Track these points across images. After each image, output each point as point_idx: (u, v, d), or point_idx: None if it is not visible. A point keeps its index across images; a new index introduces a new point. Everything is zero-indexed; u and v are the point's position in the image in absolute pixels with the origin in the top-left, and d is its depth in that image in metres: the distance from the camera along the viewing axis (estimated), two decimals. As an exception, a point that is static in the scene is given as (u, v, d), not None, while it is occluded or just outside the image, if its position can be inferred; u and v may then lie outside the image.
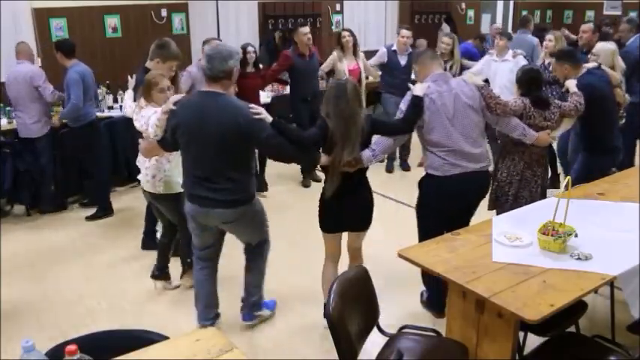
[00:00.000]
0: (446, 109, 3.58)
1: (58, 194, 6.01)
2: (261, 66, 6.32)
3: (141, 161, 4.11)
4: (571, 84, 4.42)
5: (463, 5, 11.28)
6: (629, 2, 11.63)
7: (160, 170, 4.00)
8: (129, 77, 4.49)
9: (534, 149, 4.07)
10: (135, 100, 4.19)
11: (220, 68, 3.24)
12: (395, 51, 6.81)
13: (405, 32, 6.78)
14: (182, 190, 3.74)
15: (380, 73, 7.10)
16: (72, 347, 1.77)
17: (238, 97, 3.94)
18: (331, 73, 6.75)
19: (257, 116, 3.25)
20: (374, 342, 2.84)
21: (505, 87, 6.32)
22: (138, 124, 3.91)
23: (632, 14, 7.58)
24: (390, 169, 7.19)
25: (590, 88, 4.40)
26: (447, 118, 3.58)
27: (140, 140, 3.95)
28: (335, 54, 6.62)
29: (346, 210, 3.52)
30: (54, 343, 2.08)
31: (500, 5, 12.15)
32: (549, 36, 6.29)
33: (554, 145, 5.78)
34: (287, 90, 6.96)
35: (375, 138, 3.59)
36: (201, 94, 3.41)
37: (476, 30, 11.03)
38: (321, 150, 3.46)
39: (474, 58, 7.31)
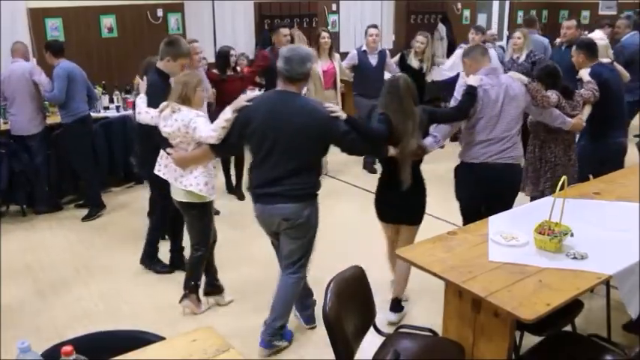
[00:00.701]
0: (496, 102, 3.85)
1: (52, 194, 6.00)
2: (238, 68, 6.33)
3: (174, 169, 3.80)
4: (584, 73, 4.69)
5: (459, 5, 11.29)
6: (625, 2, 11.66)
7: (211, 176, 3.81)
8: (138, 79, 4.31)
9: (567, 136, 4.43)
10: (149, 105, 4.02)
11: (299, 70, 3.31)
12: (365, 51, 6.82)
13: (373, 30, 6.80)
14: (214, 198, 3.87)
15: (352, 74, 7.06)
16: (68, 348, 1.77)
17: (218, 101, 3.95)
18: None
19: (333, 114, 3.31)
20: (370, 342, 2.84)
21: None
22: (169, 130, 3.68)
23: (628, 13, 7.61)
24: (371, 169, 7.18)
25: (598, 77, 4.64)
26: (495, 110, 3.85)
27: (170, 150, 3.74)
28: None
29: (401, 204, 3.73)
30: (50, 343, 2.08)
31: (495, 5, 12.17)
32: (517, 33, 6.71)
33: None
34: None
35: (433, 126, 3.84)
36: (276, 93, 3.43)
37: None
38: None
39: None
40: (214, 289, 4.17)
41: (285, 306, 3.60)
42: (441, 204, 4.66)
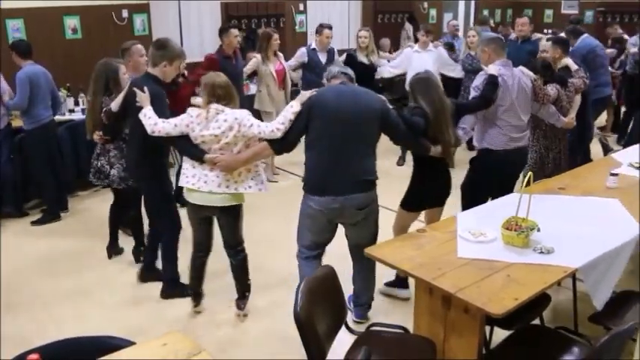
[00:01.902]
0: (512, 91, 4.13)
1: (17, 199, 5.87)
2: (185, 73, 6.27)
3: (216, 175, 3.59)
4: (570, 62, 5.05)
5: (425, 5, 11.40)
6: (586, 2, 11.91)
7: (262, 173, 3.75)
8: (139, 93, 3.74)
9: (561, 132, 4.88)
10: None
11: (350, 71, 3.71)
12: (314, 49, 6.85)
13: (328, 32, 6.83)
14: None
15: (300, 74, 7.04)
16: (34, 356, 1.74)
17: (171, 109, 3.88)
18: (253, 74, 6.67)
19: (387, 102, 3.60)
20: (342, 341, 2.84)
21: None
22: (216, 131, 3.50)
23: (588, 13, 7.80)
24: None
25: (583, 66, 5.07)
26: (512, 99, 4.14)
27: (211, 156, 3.53)
28: (258, 57, 6.47)
29: (438, 186, 3.92)
30: (18, 351, 2.03)
31: (462, 5, 12.32)
32: (471, 32, 7.18)
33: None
34: (252, 90, 6.95)
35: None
36: (336, 85, 3.60)
37: (438, 29, 11.15)
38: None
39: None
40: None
41: (369, 287, 3.80)
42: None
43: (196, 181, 3.62)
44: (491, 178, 4.21)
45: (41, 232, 5.54)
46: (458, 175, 4.30)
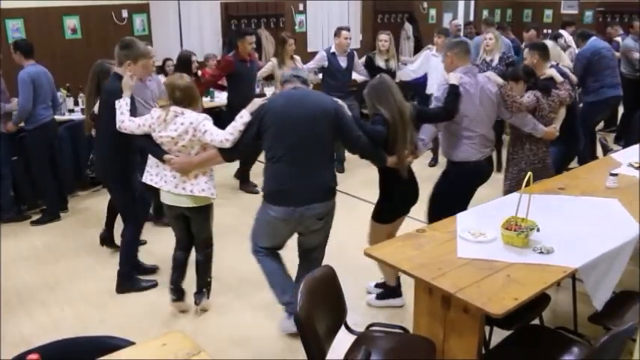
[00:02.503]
0: (475, 100, 3.97)
1: (18, 202, 5.87)
2: (199, 73, 6.29)
3: (173, 176, 3.67)
4: (555, 74, 4.71)
5: (425, 5, 11.39)
6: (586, 2, 11.91)
7: (213, 179, 3.77)
8: (126, 78, 3.95)
9: (544, 140, 4.49)
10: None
11: (303, 74, 3.65)
12: (334, 53, 6.79)
13: (346, 33, 6.78)
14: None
15: (320, 77, 7.02)
16: (34, 356, 1.73)
17: None
18: (269, 77, 6.72)
19: (343, 105, 3.55)
20: (342, 341, 2.84)
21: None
22: (173, 134, 3.56)
23: (588, 13, 7.82)
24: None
25: (569, 78, 4.86)
26: (477, 105, 3.98)
27: (169, 156, 3.62)
28: (273, 60, 6.58)
29: (406, 196, 3.85)
30: (18, 351, 2.03)
31: (461, 5, 12.31)
32: (489, 34, 6.72)
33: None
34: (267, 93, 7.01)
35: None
36: (289, 90, 3.55)
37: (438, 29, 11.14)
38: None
39: None
40: (184, 295, 4.09)
41: None
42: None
43: (158, 180, 3.75)
44: (466, 190, 4.14)
45: (41, 232, 5.54)
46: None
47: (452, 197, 4.08)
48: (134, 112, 3.85)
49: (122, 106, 3.81)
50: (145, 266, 4.62)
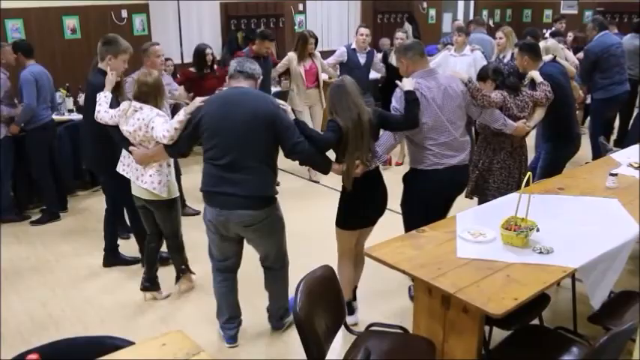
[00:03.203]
0: (435, 103, 3.68)
1: (19, 205, 5.87)
2: (215, 67, 6.28)
3: (136, 168, 3.91)
4: (536, 74, 4.57)
5: (424, 4, 11.40)
6: (585, 2, 11.92)
7: (164, 175, 3.86)
8: (109, 74, 4.16)
9: (515, 139, 4.33)
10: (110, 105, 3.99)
11: (251, 66, 3.42)
12: (354, 49, 6.82)
13: (364, 30, 6.80)
14: (178, 194, 4.06)
15: (338, 72, 7.03)
16: (33, 356, 1.73)
17: (198, 95, 3.93)
18: (285, 74, 6.76)
19: (282, 106, 3.39)
20: (342, 341, 2.84)
21: None
22: (130, 128, 3.74)
23: (595, 16, 7.80)
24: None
25: (550, 78, 4.57)
26: (437, 111, 3.68)
27: (132, 148, 3.81)
28: (290, 55, 6.62)
29: (367, 206, 3.63)
30: (18, 351, 2.03)
31: (461, 5, 12.32)
32: (499, 33, 6.62)
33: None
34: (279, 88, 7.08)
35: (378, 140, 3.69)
36: (229, 89, 3.46)
37: (437, 29, 11.16)
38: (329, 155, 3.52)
39: None
40: (155, 285, 4.23)
41: (281, 294, 3.74)
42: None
43: (129, 170, 3.98)
44: (422, 199, 3.84)
45: (40, 232, 5.53)
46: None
47: (410, 205, 3.92)
48: (113, 106, 4.00)
49: (101, 98, 4.03)
50: (127, 258, 4.81)
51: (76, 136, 6.10)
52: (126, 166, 4.02)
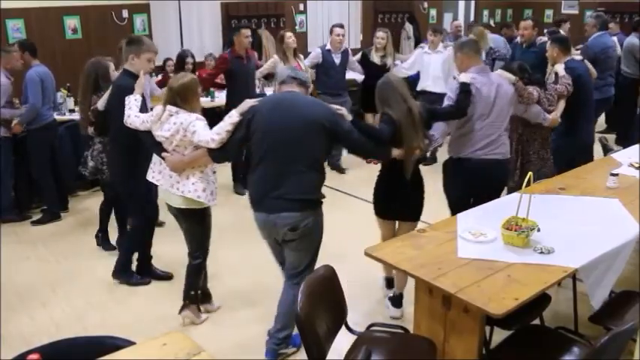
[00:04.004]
0: (488, 99, 3.95)
1: (20, 205, 5.87)
2: (197, 73, 6.27)
3: (170, 175, 3.65)
4: (559, 68, 4.83)
5: (425, 4, 11.39)
6: (586, 2, 11.91)
7: (209, 182, 3.65)
8: (141, 76, 4.04)
9: (543, 131, 4.66)
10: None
11: (304, 74, 3.54)
12: (329, 50, 6.78)
13: (340, 30, 6.76)
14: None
15: (315, 74, 6.96)
16: (34, 356, 1.74)
17: None
18: (270, 76, 6.60)
19: (339, 111, 3.37)
20: (342, 341, 2.84)
21: (437, 77, 6.89)
22: (166, 133, 3.54)
23: (598, 13, 7.80)
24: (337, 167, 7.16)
25: (572, 72, 4.83)
26: (487, 108, 3.96)
27: (165, 154, 3.60)
28: (275, 57, 6.45)
29: (401, 199, 3.74)
30: (18, 351, 2.03)
31: (461, 5, 12.31)
32: (471, 35, 6.92)
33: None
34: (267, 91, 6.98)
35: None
36: (281, 93, 3.45)
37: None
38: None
39: None
40: (204, 296, 4.05)
41: (290, 316, 3.35)
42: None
43: (160, 178, 3.74)
44: (462, 187, 4.05)
45: (41, 232, 5.54)
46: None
47: (455, 194, 4.12)
48: (144, 109, 3.85)
49: (131, 101, 3.83)
50: (158, 273, 4.54)
51: (76, 136, 6.10)
52: (156, 173, 3.76)
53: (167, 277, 4.51)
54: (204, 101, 7.07)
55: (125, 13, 7.65)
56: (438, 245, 3.06)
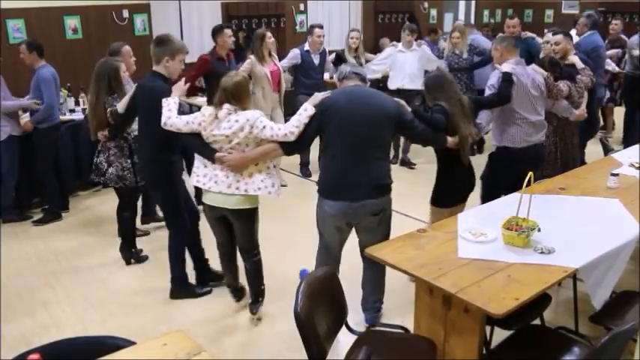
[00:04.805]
0: (527, 89, 4.23)
1: (21, 205, 5.87)
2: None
3: (225, 177, 3.55)
4: (577, 60, 5.06)
5: (426, 4, 11.39)
6: (586, 2, 11.90)
7: (275, 177, 3.61)
8: (181, 82, 3.89)
9: (573, 127, 4.96)
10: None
11: (364, 70, 3.84)
12: (308, 51, 6.75)
13: (320, 31, 6.73)
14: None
15: (291, 75, 6.96)
16: (35, 356, 1.74)
17: None
18: (249, 77, 6.55)
19: (402, 103, 3.67)
20: (343, 341, 2.84)
21: (414, 75, 6.94)
22: (227, 131, 3.45)
23: (589, 12, 7.80)
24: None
25: (590, 64, 5.15)
26: (527, 97, 4.24)
27: (220, 154, 3.49)
28: (252, 58, 6.24)
29: (465, 182, 4.05)
30: (18, 351, 2.03)
31: (462, 5, 12.31)
32: (455, 33, 7.09)
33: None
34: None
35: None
36: (349, 86, 3.57)
37: (439, 29, 11.12)
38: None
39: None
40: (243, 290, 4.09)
41: (381, 285, 3.82)
42: (409, 201, 4.67)
43: (207, 181, 3.60)
44: (508, 175, 4.11)
45: (41, 232, 5.54)
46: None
47: (495, 181, 4.35)
48: (183, 113, 3.75)
49: (170, 104, 3.67)
50: (216, 272, 4.37)
51: (76, 135, 6.11)
52: (201, 176, 3.63)
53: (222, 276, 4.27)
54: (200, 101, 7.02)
55: (125, 13, 7.65)
56: (439, 245, 3.06)
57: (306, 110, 3.42)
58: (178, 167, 3.97)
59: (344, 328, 2.87)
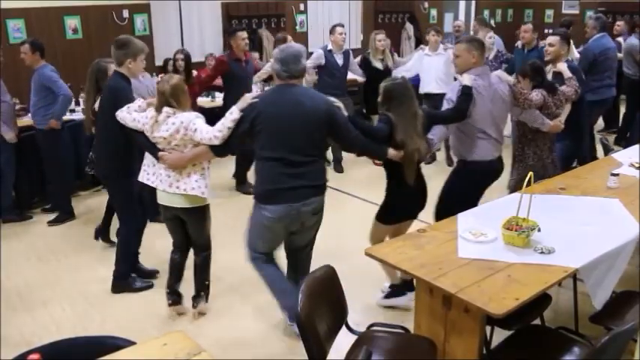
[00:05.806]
0: (488, 101, 3.97)
1: (21, 205, 5.88)
2: (194, 72, 6.23)
3: (168, 175, 3.66)
4: (564, 68, 4.82)
5: (426, 4, 11.39)
6: (586, 2, 11.91)
7: (208, 178, 3.71)
8: (149, 98, 4.03)
9: (550, 135, 4.53)
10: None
11: (296, 68, 3.43)
12: (331, 51, 6.75)
13: (341, 29, 6.73)
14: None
15: (316, 76, 6.93)
16: (35, 356, 1.74)
17: None
18: (269, 79, 6.46)
19: (336, 104, 3.49)
20: (343, 341, 2.84)
21: (440, 79, 6.84)
22: (165, 134, 3.56)
23: (598, 15, 7.81)
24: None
25: (577, 74, 4.87)
26: (489, 108, 3.98)
27: (163, 154, 3.62)
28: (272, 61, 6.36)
29: (411, 202, 3.83)
30: (18, 351, 2.03)
31: (462, 5, 12.31)
32: (490, 33, 7.17)
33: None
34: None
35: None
36: (279, 87, 3.49)
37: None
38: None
39: None
40: (180, 298, 4.06)
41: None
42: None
43: (154, 179, 3.74)
44: (477, 189, 4.12)
45: (42, 232, 5.54)
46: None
47: (462, 197, 4.02)
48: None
49: (132, 105, 3.83)
50: (145, 269, 4.57)
51: (77, 135, 6.11)
52: (151, 175, 3.76)
53: (153, 273, 4.55)
54: (204, 101, 7.09)
55: (126, 13, 7.66)
56: (439, 245, 3.06)
57: (232, 114, 3.41)
58: (134, 163, 4.03)
59: (344, 327, 2.87)
